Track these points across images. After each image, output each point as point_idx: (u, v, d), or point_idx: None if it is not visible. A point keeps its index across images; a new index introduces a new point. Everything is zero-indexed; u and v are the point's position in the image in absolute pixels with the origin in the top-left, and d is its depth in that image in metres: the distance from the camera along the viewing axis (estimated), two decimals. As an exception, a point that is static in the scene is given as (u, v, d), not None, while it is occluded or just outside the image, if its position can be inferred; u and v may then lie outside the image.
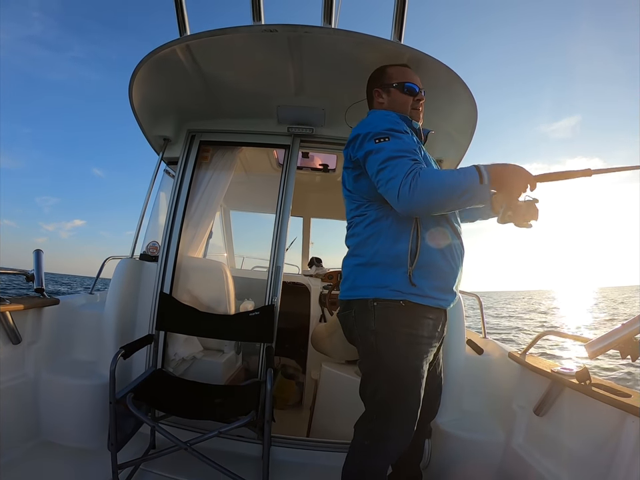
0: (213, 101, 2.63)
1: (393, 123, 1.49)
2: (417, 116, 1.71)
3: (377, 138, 1.44)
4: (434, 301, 1.46)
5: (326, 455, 2.29)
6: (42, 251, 2.44)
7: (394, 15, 1.98)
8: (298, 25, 1.94)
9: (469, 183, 1.29)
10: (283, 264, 2.53)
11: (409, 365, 1.45)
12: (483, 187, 1.30)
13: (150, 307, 2.52)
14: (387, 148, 1.40)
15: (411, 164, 1.34)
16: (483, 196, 1.32)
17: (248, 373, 2.93)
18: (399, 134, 1.45)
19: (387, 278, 1.46)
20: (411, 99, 1.70)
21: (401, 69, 1.77)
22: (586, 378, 1.68)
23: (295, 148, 2.70)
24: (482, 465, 2.07)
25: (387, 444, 1.47)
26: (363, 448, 1.50)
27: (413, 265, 1.43)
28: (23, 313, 2.17)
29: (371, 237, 1.52)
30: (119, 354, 1.87)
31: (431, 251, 1.46)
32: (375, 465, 1.47)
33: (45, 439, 2.20)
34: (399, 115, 1.60)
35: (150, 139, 2.88)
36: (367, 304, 1.48)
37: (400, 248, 1.45)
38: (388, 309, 1.45)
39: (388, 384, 1.46)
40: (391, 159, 1.37)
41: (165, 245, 2.61)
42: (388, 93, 1.74)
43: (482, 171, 1.30)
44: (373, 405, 1.52)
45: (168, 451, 1.83)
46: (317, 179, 4.18)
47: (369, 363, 1.53)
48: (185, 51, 2.16)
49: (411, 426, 1.48)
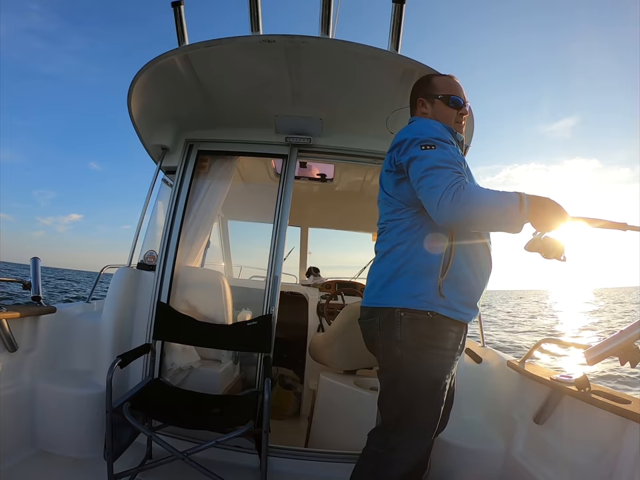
0: (211, 110, 2.65)
1: (440, 132, 1.47)
2: (459, 129, 1.68)
3: (424, 145, 1.41)
4: (459, 315, 1.45)
5: (324, 465, 2.26)
6: (39, 259, 2.43)
7: (391, 25, 2.01)
8: (295, 35, 1.96)
9: (509, 208, 1.27)
10: (280, 274, 2.52)
11: (432, 378, 1.44)
12: (521, 215, 1.27)
13: (147, 316, 2.51)
14: (432, 156, 1.38)
15: (456, 176, 1.32)
16: (517, 225, 1.30)
17: (245, 383, 2.91)
18: (445, 144, 1.43)
19: (417, 287, 1.43)
20: (455, 112, 1.66)
21: (447, 80, 1.74)
22: (585, 385, 1.67)
23: (293, 158, 2.71)
24: (482, 474, 2.05)
25: (401, 455, 1.46)
26: (376, 456, 1.48)
27: (444, 275, 1.41)
28: (19, 320, 2.16)
29: (403, 244, 1.49)
30: (115, 363, 1.85)
31: (462, 265, 1.44)
32: (387, 475, 1.46)
33: (41, 448, 2.17)
34: (444, 126, 1.57)
35: (148, 148, 2.89)
36: (394, 313, 1.45)
37: (433, 258, 1.43)
38: (416, 320, 1.42)
39: (411, 396, 1.45)
40: (435, 167, 1.35)
41: (163, 254, 2.60)
42: (432, 104, 1.70)
43: (523, 199, 1.28)
44: (391, 416, 1.50)
45: (165, 461, 1.81)
46: (315, 188, 4.20)
47: (392, 374, 1.50)
48: (183, 61, 2.18)
49: (427, 439, 1.49)
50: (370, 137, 2.69)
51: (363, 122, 2.65)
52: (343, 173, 3.76)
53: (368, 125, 2.66)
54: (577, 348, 1.90)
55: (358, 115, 2.59)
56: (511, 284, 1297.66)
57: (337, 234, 5.49)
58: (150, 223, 2.94)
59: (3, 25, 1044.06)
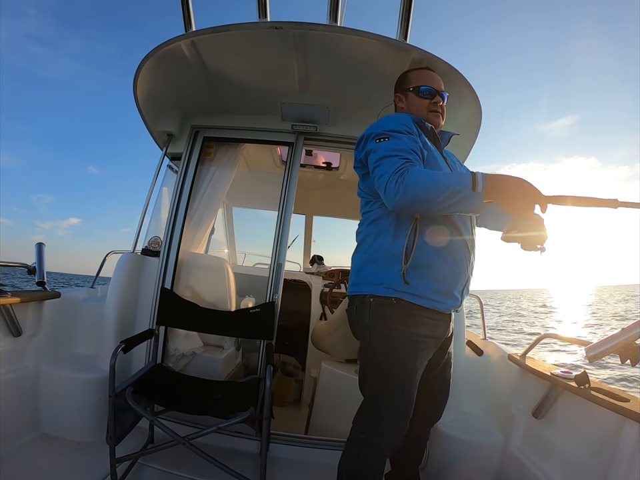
0: (217, 97, 2.63)
1: (398, 124, 1.50)
2: (434, 119, 1.68)
3: (378, 138, 1.48)
4: (430, 302, 1.45)
5: (324, 452, 2.29)
6: (44, 244, 2.45)
7: (400, 14, 1.98)
8: (303, 22, 1.94)
9: (459, 187, 1.27)
10: (284, 261, 2.53)
11: (401, 362, 1.46)
12: (476, 194, 1.26)
13: (151, 302, 2.53)
14: (383, 147, 1.44)
15: (402, 162, 1.35)
16: (474, 203, 1.28)
17: (247, 369, 2.94)
18: (399, 134, 1.46)
19: (382, 275, 1.48)
20: (427, 102, 1.68)
21: (421, 72, 1.76)
22: (585, 382, 1.67)
23: (299, 145, 2.70)
24: (479, 467, 2.06)
25: (380, 439, 1.49)
26: (358, 441, 1.53)
27: (407, 263, 1.43)
28: (24, 305, 2.18)
29: (371, 235, 1.56)
30: (119, 348, 1.87)
31: (427, 251, 1.45)
32: (369, 459, 1.50)
33: (44, 431, 2.20)
34: (412, 117, 1.60)
35: (154, 134, 2.88)
36: (365, 300, 1.52)
37: (396, 246, 1.47)
38: (382, 305, 1.47)
39: (380, 379, 1.49)
40: (384, 157, 1.41)
41: (167, 240, 2.61)
42: (406, 97, 1.74)
43: (477, 178, 1.28)
44: (367, 400, 1.56)
45: (166, 445, 1.83)
46: (320, 176, 4.18)
47: (364, 359, 1.57)
48: (190, 47, 2.16)
49: (402, 422, 1.50)
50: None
51: (370, 111, 2.61)
52: (349, 162, 3.73)
53: (375, 114, 2.62)
54: (578, 344, 1.90)
55: (365, 104, 2.56)
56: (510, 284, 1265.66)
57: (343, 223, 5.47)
58: (155, 209, 2.95)
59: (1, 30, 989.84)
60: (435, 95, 1.69)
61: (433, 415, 1.79)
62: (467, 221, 1.58)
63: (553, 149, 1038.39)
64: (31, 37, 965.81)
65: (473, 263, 1.58)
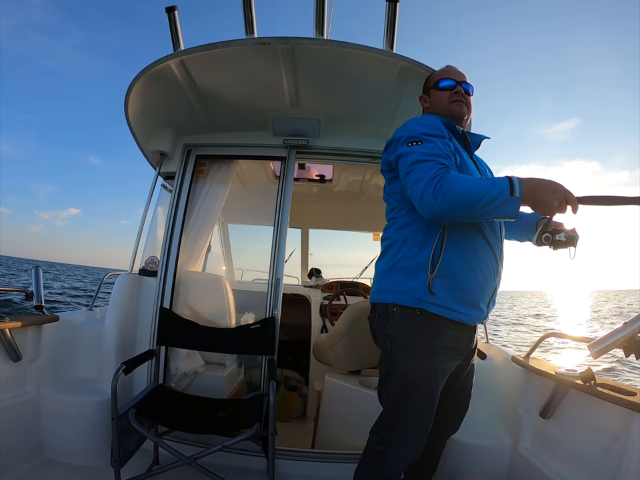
0: (208, 114, 2.65)
1: (429, 127, 1.47)
2: (457, 108, 1.64)
3: (410, 141, 1.43)
4: (453, 314, 1.42)
5: (331, 466, 2.26)
6: (40, 268, 2.44)
7: (385, 24, 2.01)
8: (290, 37, 1.97)
9: (497, 193, 1.24)
10: (282, 276, 2.52)
11: (421, 374, 1.44)
12: (514, 199, 1.24)
13: (150, 322, 2.51)
14: (416, 151, 1.39)
15: (438, 167, 1.31)
16: (512, 208, 1.25)
17: (250, 386, 2.91)
18: (432, 138, 1.42)
19: (407, 284, 1.45)
20: (448, 93, 1.64)
21: (442, 69, 1.75)
22: (590, 378, 1.67)
23: (291, 159, 2.71)
24: (490, 470, 2.05)
25: (397, 452, 1.46)
26: (374, 453, 1.49)
27: (433, 272, 1.40)
28: (22, 330, 2.16)
29: (397, 242, 1.52)
30: (120, 370, 1.86)
31: (455, 262, 1.42)
32: (384, 472, 1.47)
33: (48, 457, 2.17)
34: (442, 120, 1.57)
35: (146, 154, 2.89)
36: (388, 309, 1.48)
37: (423, 255, 1.43)
38: (406, 315, 1.44)
39: (400, 392, 1.46)
40: (418, 162, 1.36)
41: (164, 259, 2.60)
42: (429, 96, 1.73)
43: (514, 183, 1.25)
44: (385, 411, 1.52)
45: (172, 466, 1.82)
46: (314, 189, 4.20)
47: (385, 368, 1.53)
48: (179, 66, 2.19)
49: (420, 437, 1.47)
50: (368, 136, 2.69)
51: (361, 122, 2.65)
52: (342, 174, 3.76)
53: (366, 125, 2.66)
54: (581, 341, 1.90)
55: (355, 115, 2.59)
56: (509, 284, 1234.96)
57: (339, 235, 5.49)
58: (150, 229, 2.94)
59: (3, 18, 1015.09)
60: (455, 85, 1.65)
61: (451, 427, 1.76)
62: (497, 230, 1.54)
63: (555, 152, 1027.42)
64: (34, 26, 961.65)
65: (500, 273, 1.55)
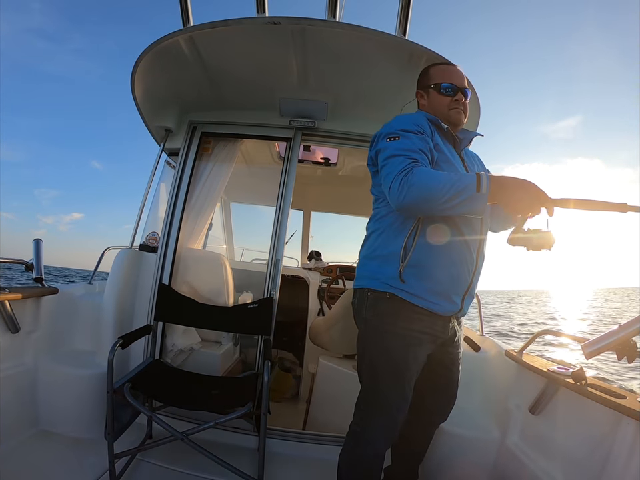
0: (215, 92, 2.62)
1: (410, 124, 1.48)
2: (456, 116, 1.63)
3: (389, 137, 1.47)
4: (424, 302, 1.44)
5: (321, 448, 2.31)
6: (41, 240, 2.44)
7: (399, 10, 1.97)
8: (301, 18, 1.93)
9: (462, 188, 1.25)
10: (282, 257, 2.53)
11: (391, 357, 1.47)
12: (480, 195, 1.24)
13: (149, 298, 2.53)
14: (392, 146, 1.43)
15: (408, 162, 1.34)
16: (477, 205, 1.26)
17: (245, 365, 2.94)
18: (409, 134, 1.44)
19: (381, 271, 1.50)
20: (449, 99, 1.62)
21: (442, 67, 1.71)
22: (582, 378, 1.68)
23: (297, 141, 2.69)
24: (476, 462, 2.08)
25: (372, 432, 1.51)
26: (354, 434, 1.55)
27: (404, 262, 1.44)
28: (21, 302, 2.17)
29: (376, 231, 1.58)
30: (117, 344, 1.87)
31: (427, 253, 1.44)
32: (363, 452, 1.51)
33: (43, 428, 2.21)
34: (427, 116, 1.59)
35: (151, 130, 2.87)
36: (364, 293, 1.55)
37: (396, 245, 1.48)
38: (378, 299, 1.49)
39: (372, 373, 1.52)
40: (391, 156, 1.40)
41: (165, 235, 2.60)
42: (428, 94, 1.69)
43: (482, 179, 1.25)
44: (361, 391, 1.58)
45: (164, 441, 1.84)
46: (318, 172, 4.18)
47: (359, 350, 1.59)
48: (187, 42, 2.15)
49: (393, 415, 1.50)
50: (375, 121, 2.65)
51: (369, 107, 2.62)
52: (347, 158, 3.73)
53: (373, 110, 2.62)
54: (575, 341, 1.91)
55: (363, 100, 2.56)
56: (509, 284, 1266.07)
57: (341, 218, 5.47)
58: (152, 205, 2.93)
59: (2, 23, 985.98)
60: (456, 92, 1.63)
61: (438, 415, 1.79)
62: (475, 224, 1.53)
63: (557, 150, 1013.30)
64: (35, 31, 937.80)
65: (478, 267, 1.54)
